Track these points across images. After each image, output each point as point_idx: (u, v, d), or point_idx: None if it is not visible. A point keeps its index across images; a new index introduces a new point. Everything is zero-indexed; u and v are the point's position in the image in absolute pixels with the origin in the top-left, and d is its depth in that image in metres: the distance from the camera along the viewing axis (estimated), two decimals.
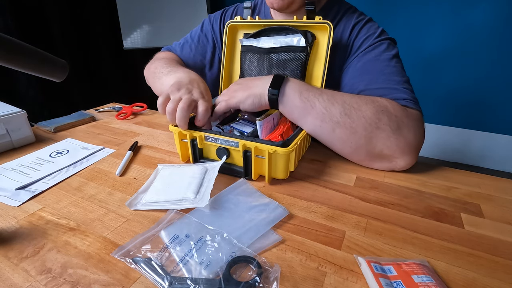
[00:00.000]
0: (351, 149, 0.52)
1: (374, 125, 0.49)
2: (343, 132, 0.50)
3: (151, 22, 2.05)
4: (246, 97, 0.53)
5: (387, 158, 0.51)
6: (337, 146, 0.53)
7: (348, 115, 0.49)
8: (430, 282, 0.29)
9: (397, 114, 0.50)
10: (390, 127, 0.49)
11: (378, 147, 0.50)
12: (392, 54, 0.60)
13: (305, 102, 0.50)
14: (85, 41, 1.99)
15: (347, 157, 0.56)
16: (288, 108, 0.52)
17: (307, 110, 0.50)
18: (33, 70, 0.41)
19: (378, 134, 0.49)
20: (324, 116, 0.50)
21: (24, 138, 0.65)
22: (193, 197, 0.44)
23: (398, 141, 0.49)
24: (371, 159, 0.52)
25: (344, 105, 0.50)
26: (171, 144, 0.66)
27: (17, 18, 1.60)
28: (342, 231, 0.39)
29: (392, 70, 0.58)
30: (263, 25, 0.65)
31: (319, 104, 0.50)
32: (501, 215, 0.43)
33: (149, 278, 0.32)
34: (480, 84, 1.80)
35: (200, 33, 0.80)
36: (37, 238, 0.38)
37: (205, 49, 0.79)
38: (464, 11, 1.69)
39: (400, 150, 0.50)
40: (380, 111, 0.49)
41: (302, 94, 0.51)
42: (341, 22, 0.65)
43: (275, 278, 0.31)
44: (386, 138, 0.49)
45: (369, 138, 0.49)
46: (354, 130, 0.49)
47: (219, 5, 2.26)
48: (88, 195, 0.48)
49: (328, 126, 0.50)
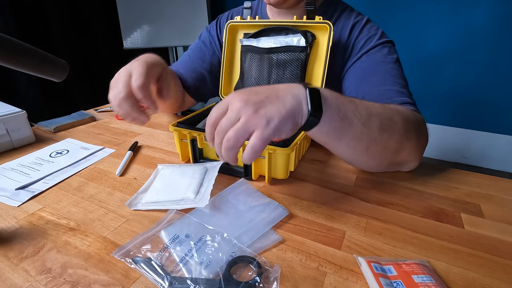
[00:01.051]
0: (375, 161, 0.48)
1: (405, 136, 0.46)
2: (376, 150, 0.44)
3: (151, 22, 2.06)
4: (285, 123, 0.34)
5: (399, 164, 0.51)
6: (361, 160, 0.48)
7: (385, 130, 0.43)
8: (430, 282, 0.29)
9: (416, 122, 0.49)
10: (416, 136, 0.48)
11: (402, 157, 0.49)
12: (395, 57, 0.60)
13: (344, 120, 0.39)
14: (85, 41, 1.99)
15: (361, 167, 0.53)
16: (325, 131, 0.39)
17: (345, 131, 0.40)
18: (33, 70, 0.41)
19: (406, 145, 0.47)
20: (362, 135, 0.42)
21: (24, 138, 0.65)
22: (193, 197, 0.44)
23: (419, 149, 0.50)
24: (385, 165, 0.51)
25: (380, 119, 0.43)
26: (171, 144, 0.66)
27: (17, 18, 1.60)
28: (342, 231, 0.39)
29: (397, 73, 0.58)
30: (263, 25, 0.65)
31: (357, 120, 0.40)
32: (501, 215, 0.43)
33: (149, 278, 0.32)
34: (480, 84, 1.80)
35: (198, 41, 0.81)
36: (37, 238, 0.38)
37: (204, 53, 0.78)
38: (464, 11, 1.69)
39: (418, 156, 0.51)
40: (406, 121, 0.47)
41: (340, 111, 0.39)
42: (339, 22, 0.65)
43: (275, 278, 0.31)
44: (412, 148, 0.48)
45: (397, 150, 0.47)
46: (388, 146, 0.45)
47: (219, 5, 2.26)
48: (88, 195, 0.48)
49: (363, 144, 0.43)
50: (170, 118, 0.84)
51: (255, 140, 0.33)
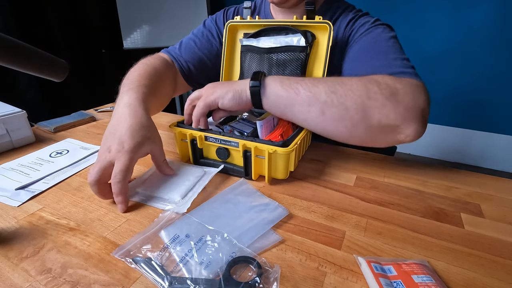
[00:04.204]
0: (347, 128, 0.47)
1: (364, 95, 0.45)
2: (334, 112, 0.46)
3: (151, 22, 2.05)
4: (225, 92, 0.50)
5: (389, 130, 0.46)
6: (333, 129, 0.48)
7: (334, 92, 0.46)
8: (430, 282, 0.29)
9: (388, 82, 0.46)
10: (382, 95, 0.45)
11: (375, 118, 0.45)
12: (389, 35, 0.59)
13: (288, 90, 0.48)
14: (85, 41, 1.99)
15: (349, 141, 0.51)
16: (272, 100, 0.49)
17: (292, 98, 0.48)
18: (33, 70, 0.41)
19: (371, 104, 0.45)
20: (310, 99, 0.47)
21: (24, 138, 0.65)
22: (178, 200, 0.44)
23: (395, 106, 0.45)
24: (373, 134, 0.48)
25: (327, 84, 0.47)
26: (171, 144, 0.66)
27: (17, 18, 1.60)
28: (342, 231, 0.39)
29: (390, 49, 0.56)
30: (263, 25, 0.65)
31: (302, 88, 0.47)
32: (501, 215, 0.43)
33: (149, 278, 0.32)
34: (480, 84, 1.80)
35: (203, 29, 0.77)
36: (37, 238, 0.38)
37: (211, 43, 0.76)
38: (464, 11, 1.69)
39: (400, 116, 0.45)
40: (367, 82, 0.46)
41: (283, 83, 0.49)
42: (338, 21, 0.65)
43: (275, 279, 0.31)
44: (381, 106, 0.45)
45: (362, 110, 0.45)
46: (344, 105, 0.46)
47: (219, 5, 2.26)
48: (88, 195, 0.48)
49: (316, 109, 0.47)
50: (170, 118, 0.84)
51: (199, 102, 0.51)
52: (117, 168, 0.41)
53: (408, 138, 0.47)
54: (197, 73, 0.74)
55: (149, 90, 0.54)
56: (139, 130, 0.45)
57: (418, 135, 0.47)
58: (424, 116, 0.47)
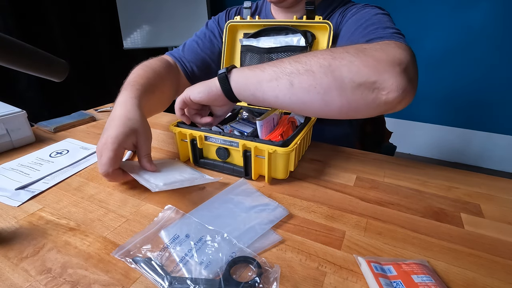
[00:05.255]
0: (320, 95, 0.44)
1: (329, 57, 0.43)
2: (302, 80, 0.44)
3: (151, 22, 2.05)
4: (198, 86, 0.52)
5: (366, 89, 0.41)
6: (306, 99, 0.45)
7: (297, 61, 0.45)
8: (430, 282, 0.29)
9: (355, 45, 0.44)
10: (347, 53, 0.43)
11: (346, 77, 0.42)
12: (376, 12, 0.58)
13: (254, 70, 0.48)
14: (85, 41, 1.99)
15: (328, 113, 0.47)
16: (241, 84, 0.49)
17: (259, 76, 0.47)
18: (33, 70, 0.41)
19: (337, 63, 0.42)
20: (276, 73, 0.46)
21: (24, 138, 0.65)
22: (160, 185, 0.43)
23: (364, 61, 0.41)
24: (350, 98, 0.43)
25: (292, 57, 0.46)
26: (171, 144, 0.66)
27: (17, 18, 1.60)
28: (342, 231, 0.39)
29: (373, 23, 0.54)
30: (263, 25, 0.65)
31: (268, 66, 0.47)
32: (501, 215, 0.43)
33: (149, 278, 0.32)
34: (480, 84, 1.80)
35: (206, 31, 0.78)
36: (37, 238, 0.38)
37: (213, 44, 0.77)
38: (464, 11, 1.69)
39: (373, 69, 0.41)
40: (330, 49, 0.45)
41: (250, 67, 0.49)
42: (335, 15, 0.66)
43: (275, 279, 0.31)
44: (349, 64, 0.42)
45: (330, 72, 0.42)
46: (310, 71, 0.43)
47: (219, 5, 2.26)
48: (88, 195, 0.48)
49: (284, 81, 0.45)
50: (170, 118, 0.84)
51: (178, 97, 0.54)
52: (102, 161, 0.44)
53: (390, 94, 0.41)
54: (200, 74, 0.75)
55: (144, 89, 0.55)
56: (125, 122, 0.46)
57: (401, 90, 0.41)
58: (404, 69, 0.41)
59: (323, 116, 0.48)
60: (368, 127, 0.90)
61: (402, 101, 0.42)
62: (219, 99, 0.51)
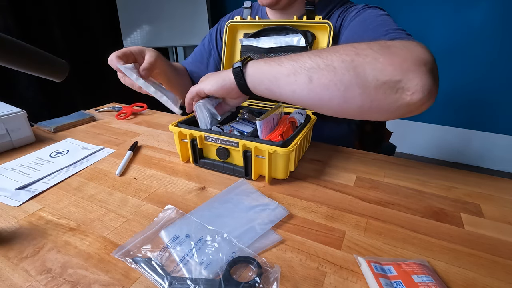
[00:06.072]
0: (340, 92, 0.41)
1: (352, 53, 0.41)
2: (322, 75, 0.42)
3: (151, 22, 2.05)
4: (211, 78, 0.51)
5: (390, 88, 0.39)
6: (325, 96, 0.43)
7: (318, 55, 0.43)
8: (430, 282, 0.29)
9: (378, 42, 0.43)
10: (372, 50, 0.40)
11: (370, 74, 0.39)
12: (379, 13, 0.58)
13: (271, 63, 0.46)
14: (85, 41, 1.99)
15: (348, 111, 0.44)
16: (256, 78, 0.47)
17: (276, 70, 0.45)
18: (33, 70, 0.41)
19: (361, 60, 0.40)
20: (294, 68, 0.43)
21: (24, 138, 0.65)
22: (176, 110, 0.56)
23: (389, 58, 0.39)
24: (372, 97, 0.40)
25: (312, 52, 0.44)
26: (171, 144, 0.66)
27: (17, 18, 1.60)
28: (342, 231, 0.39)
29: (381, 24, 0.54)
30: (263, 25, 0.65)
31: (286, 59, 0.45)
32: (501, 215, 0.43)
33: (149, 278, 0.32)
34: (480, 84, 1.80)
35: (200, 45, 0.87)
36: (37, 238, 0.38)
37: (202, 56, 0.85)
38: (465, 11, 1.69)
39: (399, 68, 0.38)
40: (353, 45, 0.43)
41: (267, 60, 0.48)
42: (334, 15, 0.66)
43: (275, 279, 0.31)
44: (374, 61, 0.39)
45: (353, 68, 0.40)
46: (332, 66, 0.41)
47: (219, 5, 2.26)
48: (88, 195, 0.48)
49: (303, 76, 0.43)
50: (170, 118, 0.84)
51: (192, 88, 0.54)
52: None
53: (415, 95, 0.39)
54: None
55: None
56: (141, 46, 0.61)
57: (427, 91, 0.38)
58: (430, 69, 0.39)
59: (340, 114, 0.46)
60: (368, 126, 0.90)
61: (426, 103, 0.40)
62: (232, 92, 0.50)
